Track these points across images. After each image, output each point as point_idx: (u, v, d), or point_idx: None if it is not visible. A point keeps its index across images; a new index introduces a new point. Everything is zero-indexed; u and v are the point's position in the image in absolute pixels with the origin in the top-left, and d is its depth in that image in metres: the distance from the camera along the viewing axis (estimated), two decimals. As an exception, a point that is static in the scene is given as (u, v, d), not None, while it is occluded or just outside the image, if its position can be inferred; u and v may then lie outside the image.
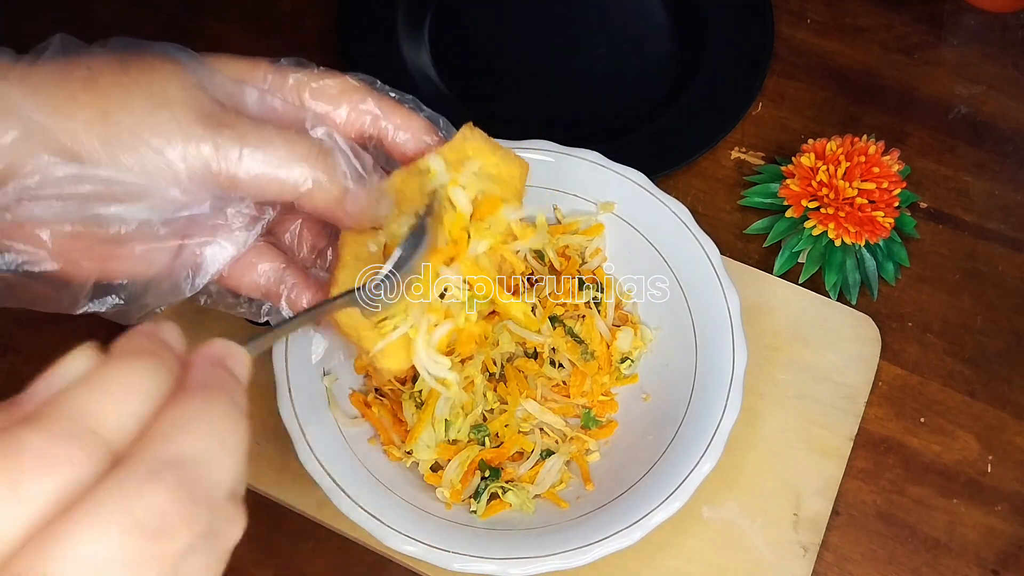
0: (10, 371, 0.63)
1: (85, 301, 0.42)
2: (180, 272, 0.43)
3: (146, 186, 0.38)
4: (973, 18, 0.74)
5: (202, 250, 0.43)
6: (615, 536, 0.50)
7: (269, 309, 0.47)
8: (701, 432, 0.53)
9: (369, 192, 0.42)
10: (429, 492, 0.55)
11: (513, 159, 0.46)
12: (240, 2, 0.77)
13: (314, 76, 0.44)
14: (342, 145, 0.42)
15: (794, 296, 0.62)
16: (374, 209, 0.43)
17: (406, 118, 0.45)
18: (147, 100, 0.38)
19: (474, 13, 0.75)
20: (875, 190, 0.61)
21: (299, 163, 0.40)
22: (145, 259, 0.41)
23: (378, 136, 0.45)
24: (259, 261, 0.45)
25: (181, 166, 0.38)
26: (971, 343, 0.63)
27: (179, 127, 0.38)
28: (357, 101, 0.44)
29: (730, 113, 0.69)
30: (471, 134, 0.46)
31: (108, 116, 0.37)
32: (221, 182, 0.39)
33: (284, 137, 0.40)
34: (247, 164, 0.39)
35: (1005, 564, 0.56)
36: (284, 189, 0.40)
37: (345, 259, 0.44)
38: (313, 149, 0.41)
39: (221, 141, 0.38)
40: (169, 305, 0.44)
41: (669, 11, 0.74)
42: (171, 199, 0.39)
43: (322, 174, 0.40)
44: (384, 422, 0.57)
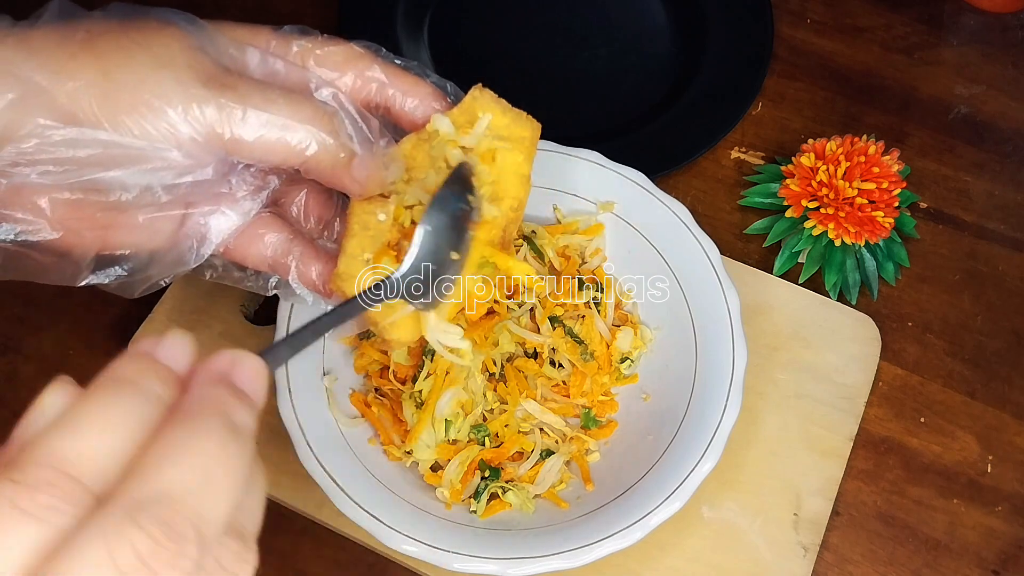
0: (10, 371, 0.63)
1: (87, 272, 0.41)
2: (184, 242, 0.42)
3: (146, 149, 0.37)
4: (973, 18, 0.74)
5: (206, 219, 0.42)
6: (615, 536, 0.50)
7: (277, 282, 0.46)
8: (701, 432, 0.53)
9: (376, 156, 0.41)
10: (429, 492, 0.55)
11: (524, 120, 0.46)
12: (240, 2, 0.77)
13: (318, 43, 0.43)
14: (348, 108, 0.41)
15: (794, 296, 0.62)
16: (382, 174, 0.42)
17: (413, 84, 0.44)
18: (148, 60, 0.37)
19: (474, 13, 0.75)
20: (875, 190, 0.61)
21: (304, 125, 0.39)
22: (148, 229, 0.40)
23: (385, 103, 0.44)
24: (265, 232, 0.44)
25: (183, 128, 0.37)
26: (971, 343, 0.63)
27: (181, 88, 0.37)
28: (363, 68, 0.43)
29: (730, 113, 0.69)
30: (480, 95, 0.45)
31: (109, 76, 0.36)
32: (224, 144, 0.38)
33: (288, 99, 0.39)
34: (251, 125, 0.38)
35: (1005, 564, 0.56)
36: (289, 152, 0.39)
37: (353, 228, 0.43)
38: (318, 111, 0.40)
39: (224, 102, 0.38)
40: (174, 277, 0.43)
41: (669, 11, 0.74)
42: (173, 163, 0.38)
43: (327, 137, 0.39)
44: (384, 422, 0.57)
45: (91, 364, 0.63)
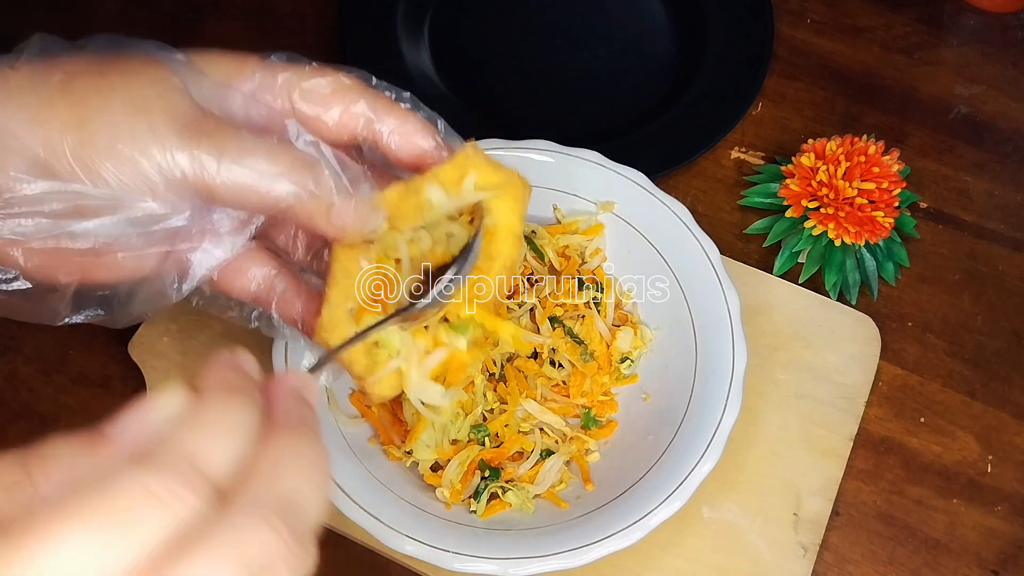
0: (10, 371, 0.63)
1: (66, 313, 0.41)
2: (166, 278, 0.41)
3: (120, 198, 0.37)
4: (973, 18, 0.74)
5: (189, 255, 0.42)
6: (615, 536, 0.50)
7: (259, 315, 0.45)
8: (701, 432, 0.53)
9: (357, 206, 0.40)
10: (429, 492, 0.55)
11: (517, 180, 0.45)
12: (240, 2, 0.77)
13: (305, 75, 0.42)
14: (328, 157, 0.41)
15: (794, 296, 0.62)
16: (363, 223, 0.41)
17: (401, 120, 0.43)
18: (125, 106, 0.37)
19: (474, 13, 0.75)
20: (875, 190, 0.61)
21: (281, 177, 0.38)
22: (129, 266, 0.40)
23: (372, 138, 0.43)
24: (250, 266, 0.44)
25: (156, 177, 0.37)
26: (971, 343, 0.63)
27: (155, 136, 0.37)
28: (349, 102, 0.42)
29: (730, 113, 0.69)
30: (474, 154, 0.44)
31: (84, 123, 0.36)
32: (199, 193, 0.38)
33: (267, 148, 0.38)
34: (225, 177, 0.38)
35: (1005, 564, 0.56)
36: (265, 203, 0.39)
37: (336, 275, 0.42)
38: (296, 162, 0.39)
39: (199, 152, 0.37)
40: (156, 311, 0.43)
41: (669, 11, 0.74)
42: (147, 211, 0.38)
43: (305, 188, 0.39)
44: (384, 422, 0.57)
45: (91, 364, 0.63)
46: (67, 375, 0.63)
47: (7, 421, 0.62)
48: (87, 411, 0.62)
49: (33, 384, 0.63)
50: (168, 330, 0.61)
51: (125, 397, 0.64)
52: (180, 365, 0.60)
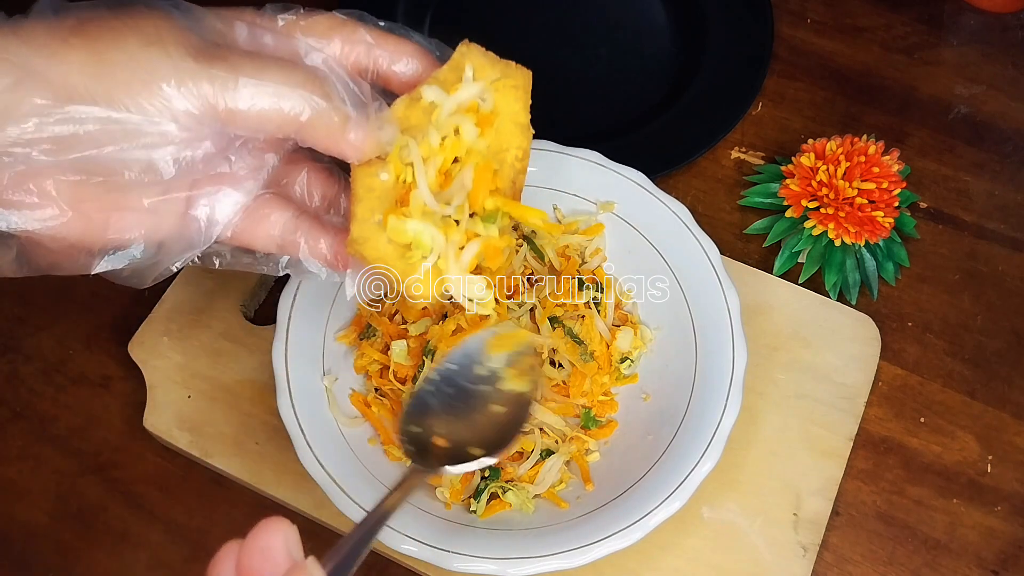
0: (10, 371, 0.63)
1: (99, 259, 0.42)
2: (191, 225, 0.42)
3: (143, 124, 0.38)
4: (973, 18, 0.74)
5: (210, 200, 0.42)
6: (615, 536, 0.50)
7: (288, 262, 0.46)
8: (701, 432, 0.53)
9: (371, 118, 0.42)
10: (429, 492, 0.55)
11: (514, 70, 0.46)
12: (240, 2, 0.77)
13: (302, 15, 0.44)
14: (339, 71, 0.41)
15: (794, 296, 0.62)
16: (378, 136, 0.42)
17: (398, 44, 0.45)
18: (138, 40, 0.38)
19: (474, 13, 0.75)
20: (875, 190, 0.61)
21: (296, 90, 0.39)
22: (155, 213, 0.41)
23: (373, 66, 0.44)
24: (270, 212, 0.45)
25: (178, 101, 0.38)
26: (971, 343, 0.63)
27: (172, 62, 0.38)
28: (348, 33, 0.44)
29: (730, 113, 0.69)
30: (468, 50, 0.45)
31: (101, 57, 0.37)
32: (219, 115, 0.39)
33: (280, 66, 0.40)
34: (244, 95, 0.39)
35: (1005, 564, 0.56)
36: (283, 119, 0.40)
37: (359, 192, 0.43)
38: (310, 76, 0.40)
39: (216, 72, 0.38)
40: (184, 263, 0.43)
41: (669, 11, 0.74)
42: (170, 137, 0.39)
43: (320, 101, 0.40)
44: (384, 422, 0.57)
45: (91, 364, 0.63)
46: (67, 375, 0.63)
47: (7, 421, 0.62)
48: (87, 411, 0.62)
49: (33, 384, 0.63)
50: (168, 330, 0.61)
51: (125, 396, 0.65)
52: (180, 365, 0.60)
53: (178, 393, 0.60)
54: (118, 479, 0.60)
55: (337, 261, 0.45)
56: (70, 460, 0.60)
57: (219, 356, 0.61)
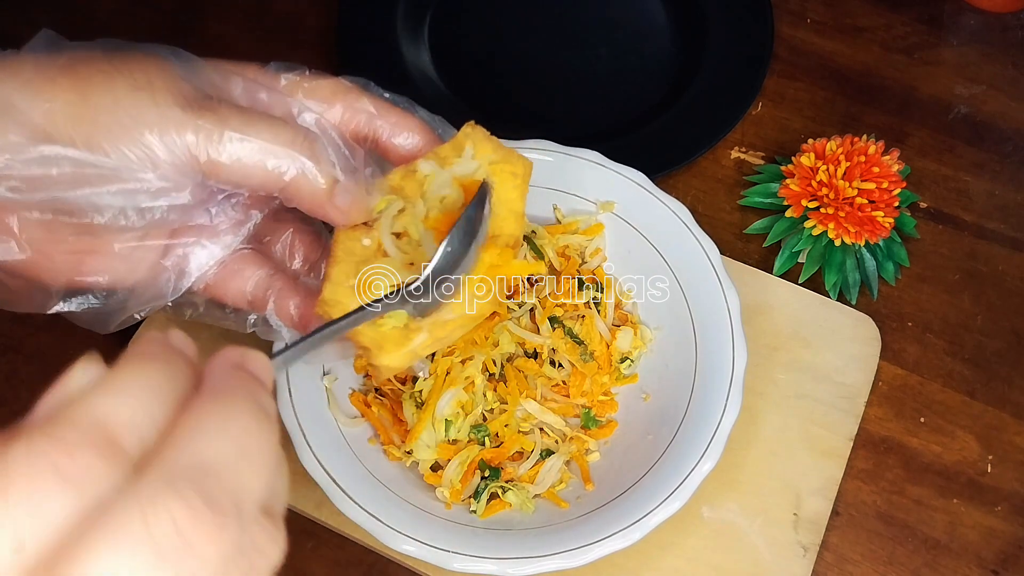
0: (10, 371, 0.63)
1: (57, 299, 0.41)
2: (162, 275, 0.41)
3: (120, 170, 0.37)
4: (973, 18, 0.74)
5: (185, 252, 0.41)
6: (615, 536, 0.50)
7: (256, 320, 0.45)
8: (701, 432, 0.53)
9: (360, 185, 0.41)
10: (429, 492, 0.55)
11: (516, 158, 0.45)
12: (240, 2, 0.77)
13: (306, 77, 0.43)
14: (332, 134, 0.41)
15: (794, 296, 0.62)
16: (365, 203, 0.41)
17: (401, 117, 0.44)
18: (127, 84, 0.37)
19: (474, 13, 0.75)
20: (875, 190, 0.61)
21: (283, 148, 0.39)
22: (125, 259, 0.40)
23: (373, 136, 0.44)
24: (246, 268, 0.44)
25: (159, 149, 0.37)
26: (971, 343, 0.63)
27: (159, 110, 0.37)
28: (351, 100, 0.43)
29: (730, 113, 0.69)
30: (472, 132, 0.44)
31: (86, 98, 0.36)
32: (201, 167, 0.38)
33: (269, 123, 0.39)
34: (228, 149, 0.38)
35: (1005, 564, 0.56)
36: (267, 177, 0.39)
37: (337, 255, 0.42)
38: (299, 136, 0.39)
39: (202, 124, 0.37)
40: (150, 311, 0.42)
41: (669, 11, 0.74)
42: (147, 184, 0.38)
43: (307, 161, 0.39)
44: (384, 422, 0.57)
45: (91, 364, 0.63)
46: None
47: (7, 421, 0.61)
48: (87, 411, 0.62)
49: (33, 384, 0.63)
50: (169, 330, 0.61)
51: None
52: (180, 365, 0.60)
53: (178, 393, 0.60)
54: (118, 479, 0.60)
55: (303, 323, 0.44)
56: (70, 460, 0.60)
57: (219, 356, 0.61)
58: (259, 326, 0.45)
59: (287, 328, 0.45)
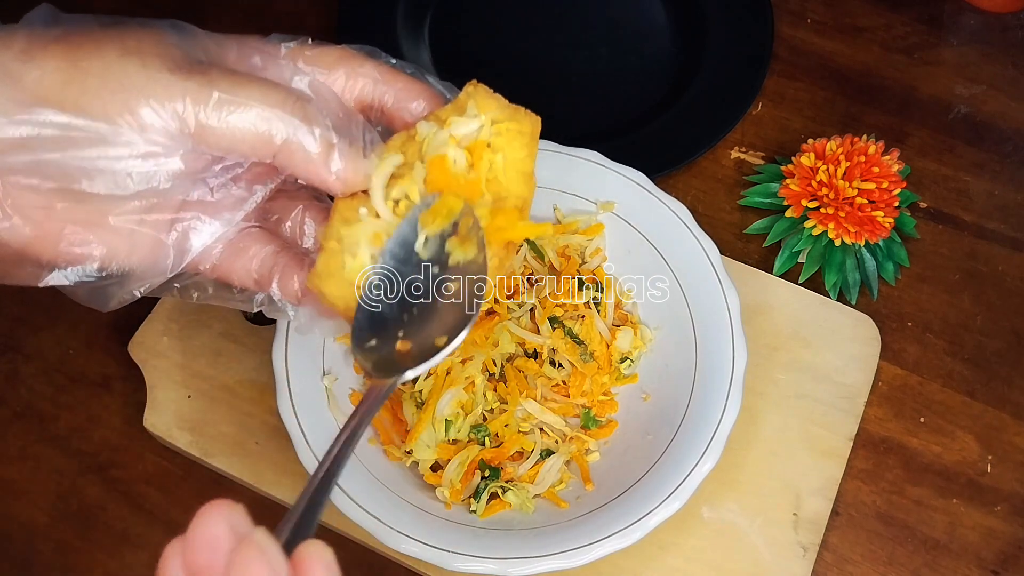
0: (10, 371, 0.63)
1: (50, 271, 0.40)
2: (162, 252, 0.40)
3: (107, 133, 0.37)
4: (973, 18, 0.74)
5: (185, 228, 0.41)
6: (615, 536, 0.50)
7: (262, 299, 0.44)
8: (701, 432, 0.53)
9: (357, 149, 0.39)
10: (429, 492, 0.55)
11: (523, 115, 0.43)
12: (240, 2, 0.77)
13: (308, 46, 0.42)
14: (327, 97, 0.40)
15: (794, 296, 0.62)
16: (364, 168, 0.40)
17: (407, 83, 0.42)
18: (118, 49, 0.37)
19: (474, 13, 0.75)
20: (875, 190, 0.61)
21: (274, 111, 0.37)
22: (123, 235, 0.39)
23: (379, 103, 0.42)
24: (252, 244, 0.43)
25: (147, 113, 0.37)
26: (971, 343, 0.63)
27: (147, 73, 0.37)
28: (355, 66, 0.42)
29: (730, 113, 0.69)
30: (475, 91, 0.42)
31: (76, 64, 0.36)
32: (190, 130, 0.37)
33: (260, 85, 0.38)
34: (216, 111, 0.37)
35: (1005, 564, 0.56)
36: (258, 141, 0.38)
37: (334, 224, 0.41)
38: (290, 98, 0.38)
39: (190, 86, 0.37)
40: (149, 288, 0.41)
41: (669, 11, 0.74)
42: (136, 149, 0.37)
43: (301, 125, 0.38)
44: (384, 422, 0.57)
45: (91, 364, 0.63)
46: (67, 375, 0.63)
47: (7, 421, 0.62)
48: (87, 411, 0.62)
49: (33, 384, 0.63)
50: (168, 330, 0.61)
51: (125, 396, 0.65)
52: (180, 365, 0.60)
53: (178, 393, 0.60)
54: (118, 479, 0.60)
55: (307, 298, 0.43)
56: (70, 460, 0.60)
57: (219, 356, 0.61)
58: (265, 304, 0.44)
59: (292, 306, 0.44)
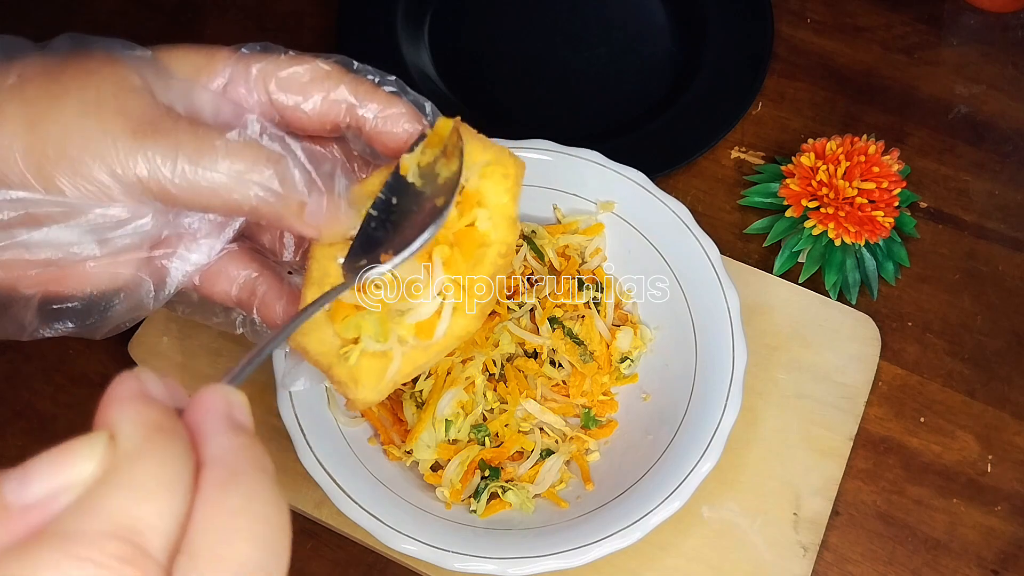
0: (10, 371, 0.63)
1: (33, 326, 0.39)
2: (143, 286, 0.40)
3: (75, 205, 0.35)
4: (973, 18, 0.74)
5: (166, 262, 0.40)
6: (615, 536, 0.50)
7: (243, 320, 0.44)
8: (701, 432, 0.53)
9: (331, 202, 0.38)
10: (429, 492, 0.55)
11: (507, 157, 0.42)
12: (240, 2, 0.77)
13: (281, 63, 0.40)
14: (297, 151, 0.38)
15: (794, 296, 0.62)
16: (339, 220, 0.39)
17: (385, 104, 0.41)
18: (76, 107, 0.35)
19: (474, 13, 0.75)
20: (875, 190, 0.61)
21: (243, 175, 0.36)
22: (102, 275, 0.38)
23: (356, 124, 0.41)
24: (232, 268, 0.42)
25: (110, 182, 0.35)
26: (971, 343, 0.63)
27: (107, 137, 0.35)
28: (329, 88, 0.40)
29: (730, 113, 0.69)
30: (463, 132, 0.41)
31: (34, 127, 0.35)
32: (157, 197, 0.36)
33: (227, 147, 0.36)
34: (182, 179, 0.35)
35: (1005, 564, 0.56)
36: (226, 205, 0.36)
37: (313, 275, 0.40)
38: (260, 159, 0.37)
39: (153, 153, 0.35)
40: (135, 320, 0.41)
41: (669, 11, 0.74)
42: (104, 217, 0.36)
43: (270, 187, 0.36)
44: (384, 422, 0.57)
45: (91, 364, 0.63)
46: (67, 375, 0.63)
47: (7, 421, 0.62)
48: (87, 411, 0.62)
49: (33, 384, 0.63)
50: (168, 330, 0.61)
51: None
52: (180, 365, 0.60)
53: (178, 393, 0.60)
54: (118, 479, 0.60)
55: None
56: (70, 460, 0.60)
57: (219, 356, 0.61)
58: (246, 327, 0.44)
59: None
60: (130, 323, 0.41)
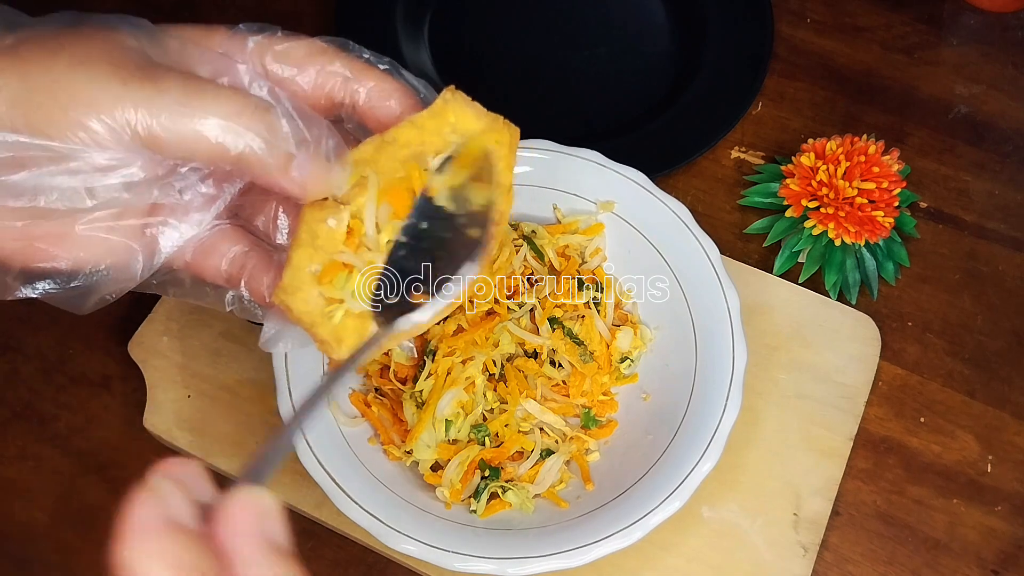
0: (10, 371, 0.63)
1: (16, 284, 0.39)
2: (132, 257, 0.40)
3: (61, 150, 0.36)
4: (973, 18, 0.74)
5: (153, 232, 0.40)
6: (615, 536, 0.50)
7: (233, 298, 0.44)
8: (701, 432, 0.53)
9: (318, 158, 0.38)
10: (429, 492, 0.55)
11: (501, 125, 0.42)
12: (239, 2, 0.77)
13: (277, 39, 0.40)
14: (286, 104, 0.38)
15: (794, 296, 0.62)
16: (325, 177, 0.39)
17: (379, 80, 0.41)
18: (67, 61, 0.36)
19: (474, 13, 0.75)
20: (875, 190, 0.61)
21: (227, 121, 0.36)
22: (90, 244, 0.39)
23: (350, 100, 0.41)
24: (222, 244, 0.42)
25: (98, 126, 0.35)
26: (971, 343, 0.63)
27: (97, 85, 0.35)
28: (324, 63, 0.40)
29: (730, 113, 0.69)
30: (453, 98, 0.41)
31: (25, 79, 0.35)
32: (145, 143, 0.36)
33: (216, 92, 0.36)
34: (169, 121, 0.35)
35: (1005, 564, 0.56)
36: (213, 151, 0.36)
37: (301, 236, 0.39)
38: (248, 106, 0.37)
39: (141, 96, 0.35)
40: (121, 291, 0.41)
41: (669, 11, 0.74)
42: (92, 162, 0.36)
43: (258, 135, 0.37)
44: (384, 422, 0.57)
45: (91, 364, 0.63)
46: (67, 375, 0.63)
47: (7, 421, 0.62)
48: (87, 411, 0.62)
49: (33, 384, 0.63)
50: (168, 330, 0.61)
51: (125, 396, 0.65)
52: (180, 365, 0.60)
53: (178, 393, 0.60)
54: (118, 479, 0.60)
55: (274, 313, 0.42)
56: (70, 460, 0.60)
57: (219, 356, 0.61)
58: (235, 304, 0.44)
59: (259, 307, 0.43)
60: (116, 295, 0.41)
